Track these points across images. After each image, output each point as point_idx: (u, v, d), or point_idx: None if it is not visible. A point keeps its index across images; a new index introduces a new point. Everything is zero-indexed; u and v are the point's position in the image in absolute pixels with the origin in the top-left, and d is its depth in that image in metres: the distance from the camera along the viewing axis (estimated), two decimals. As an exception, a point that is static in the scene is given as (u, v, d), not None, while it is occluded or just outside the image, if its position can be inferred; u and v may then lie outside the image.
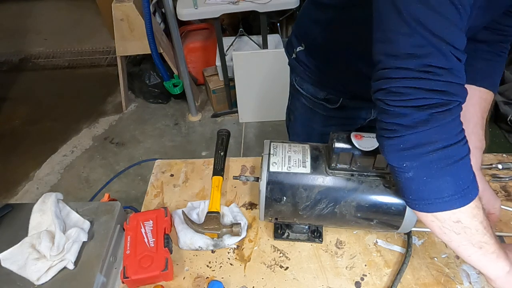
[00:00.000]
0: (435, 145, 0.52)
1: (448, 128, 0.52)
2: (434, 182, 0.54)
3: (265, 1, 2.12)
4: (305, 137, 1.14)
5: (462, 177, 0.54)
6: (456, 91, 0.52)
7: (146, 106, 2.90)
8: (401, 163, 0.55)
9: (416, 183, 0.55)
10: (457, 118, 0.53)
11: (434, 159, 0.52)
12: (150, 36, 2.32)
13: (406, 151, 0.53)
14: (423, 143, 0.52)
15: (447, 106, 0.51)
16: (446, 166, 0.53)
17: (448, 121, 0.52)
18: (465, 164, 0.54)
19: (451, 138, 0.52)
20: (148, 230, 0.80)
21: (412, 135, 0.52)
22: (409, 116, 0.52)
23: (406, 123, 0.52)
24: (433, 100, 0.51)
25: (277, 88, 2.42)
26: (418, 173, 0.54)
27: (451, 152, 0.52)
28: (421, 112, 0.51)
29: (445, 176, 0.53)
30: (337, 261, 0.80)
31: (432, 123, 0.51)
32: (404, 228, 0.75)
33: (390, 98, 0.52)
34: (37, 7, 4.26)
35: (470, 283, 0.74)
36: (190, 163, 1.03)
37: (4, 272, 0.75)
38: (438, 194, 0.54)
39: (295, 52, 1.01)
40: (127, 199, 2.20)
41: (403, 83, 0.51)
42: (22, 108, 2.98)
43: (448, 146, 0.52)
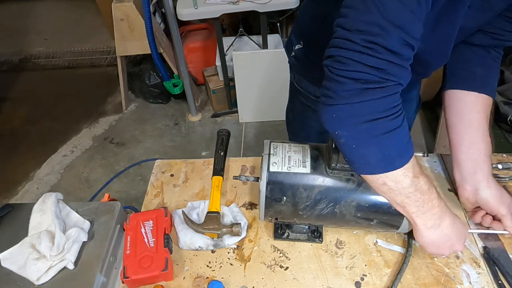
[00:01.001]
0: (363, 118, 0.57)
1: (378, 104, 0.56)
2: (361, 150, 0.61)
3: (265, 1, 2.12)
4: (303, 135, 1.14)
5: (388, 148, 0.60)
6: (395, 72, 0.56)
7: (146, 106, 2.90)
8: (333, 130, 0.61)
9: (347, 149, 0.62)
10: (391, 96, 0.57)
11: (361, 130, 0.58)
12: (150, 36, 2.32)
13: (338, 120, 0.59)
14: (353, 115, 0.58)
15: (381, 84, 0.55)
16: (373, 137, 0.59)
17: (379, 98, 0.56)
18: (392, 137, 0.59)
19: (380, 113, 0.57)
20: (148, 230, 0.80)
21: (344, 105, 0.57)
22: (345, 85, 0.56)
23: (341, 93, 0.57)
24: (369, 75, 0.55)
25: (277, 88, 2.42)
26: (347, 140, 0.60)
27: (378, 125, 0.57)
28: (356, 84, 0.56)
29: (371, 145, 0.60)
30: (337, 261, 0.80)
31: (363, 97, 0.56)
32: (404, 228, 0.75)
33: (334, 66, 0.57)
34: (37, 7, 4.26)
35: (470, 283, 0.74)
36: (190, 163, 1.03)
37: (4, 272, 0.75)
38: (365, 160, 0.62)
39: (293, 50, 1.01)
40: (127, 199, 2.20)
41: (348, 54, 0.56)
42: (22, 108, 2.98)
43: (375, 120, 0.57)
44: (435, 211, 0.68)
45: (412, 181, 0.63)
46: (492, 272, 0.75)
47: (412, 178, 0.63)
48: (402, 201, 0.66)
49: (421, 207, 0.66)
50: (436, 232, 0.69)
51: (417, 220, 0.68)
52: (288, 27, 3.00)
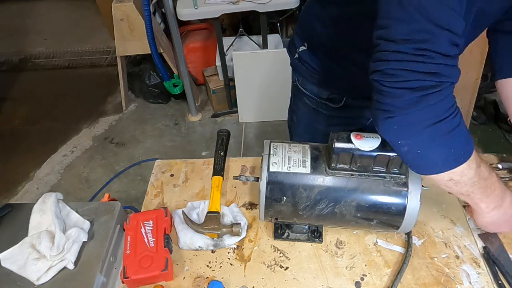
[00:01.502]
0: (425, 123, 0.57)
1: (438, 108, 0.56)
2: (427, 154, 0.61)
3: (265, 1, 2.12)
4: (308, 137, 1.14)
5: (453, 146, 0.60)
6: (448, 73, 0.55)
7: (146, 106, 2.90)
8: (396, 140, 0.61)
9: (412, 156, 0.62)
10: (447, 97, 0.57)
11: (425, 135, 0.58)
12: (150, 36, 2.32)
13: (399, 130, 0.59)
14: (414, 123, 0.57)
15: (438, 88, 0.55)
16: (437, 140, 0.59)
17: (438, 102, 0.56)
18: (455, 135, 0.59)
19: (440, 116, 0.57)
20: (148, 230, 0.80)
21: (404, 116, 0.57)
22: (402, 97, 0.56)
23: (399, 105, 0.56)
24: (425, 82, 0.55)
25: (277, 88, 2.42)
26: (412, 148, 0.60)
27: (441, 128, 0.57)
28: (413, 94, 0.55)
29: (436, 147, 0.60)
30: (337, 261, 0.80)
31: (421, 105, 0.55)
32: (404, 228, 0.75)
33: (386, 79, 0.56)
34: (37, 7, 4.26)
35: (470, 283, 0.74)
36: (190, 163, 1.03)
37: (4, 272, 0.75)
38: (432, 162, 0.62)
39: (297, 52, 1.01)
40: (127, 199, 2.20)
41: (398, 65, 0.55)
42: (22, 108, 2.98)
43: (437, 123, 0.57)
44: (497, 193, 0.69)
45: (476, 171, 0.63)
46: (492, 272, 0.75)
47: (475, 169, 0.63)
48: (467, 191, 0.66)
49: (484, 193, 0.68)
50: (499, 212, 0.71)
51: (482, 205, 0.70)
52: (288, 27, 3.00)
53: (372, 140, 0.69)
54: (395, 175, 0.72)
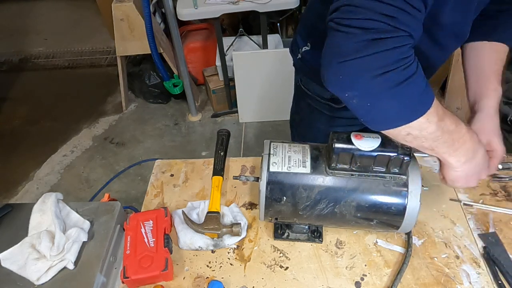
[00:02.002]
0: (374, 72, 0.53)
1: (389, 55, 0.53)
2: (378, 107, 0.57)
3: (265, 1, 2.12)
4: (310, 138, 1.14)
5: (406, 98, 0.56)
6: (407, 21, 0.53)
7: (146, 106, 2.90)
8: (343, 92, 0.57)
9: (362, 110, 0.58)
10: (402, 47, 0.54)
11: (374, 86, 0.54)
12: (150, 36, 2.32)
13: (347, 79, 0.55)
14: (362, 71, 0.54)
15: (393, 34, 0.52)
16: (388, 90, 0.55)
17: (391, 48, 0.53)
18: (408, 86, 0.55)
19: (390, 65, 0.53)
20: (148, 230, 0.80)
21: (353, 60, 0.53)
22: (355, 36, 0.53)
23: (350, 45, 0.53)
24: (380, 24, 0.52)
25: (277, 88, 2.42)
26: (361, 100, 0.57)
27: (390, 77, 0.54)
28: (366, 35, 0.52)
29: (387, 99, 0.56)
30: (337, 261, 0.80)
31: (373, 48, 0.52)
32: (404, 228, 0.75)
33: (341, 16, 0.54)
34: (37, 7, 4.26)
35: (470, 283, 0.74)
36: (190, 163, 1.03)
37: (4, 272, 0.75)
38: (384, 115, 0.58)
39: (300, 52, 1.00)
40: (127, 199, 2.20)
41: (358, 2, 0.53)
42: (22, 108, 2.98)
43: (387, 72, 0.53)
44: (468, 146, 0.66)
45: (438, 125, 0.60)
46: (492, 272, 0.75)
47: (437, 123, 0.60)
48: (430, 145, 0.63)
49: (451, 146, 0.64)
50: (470, 164, 0.68)
51: (450, 159, 0.67)
52: (288, 27, 3.00)
53: (372, 140, 0.69)
54: (395, 175, 0.72)
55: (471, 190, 0.91)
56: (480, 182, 0.93)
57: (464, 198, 0.90)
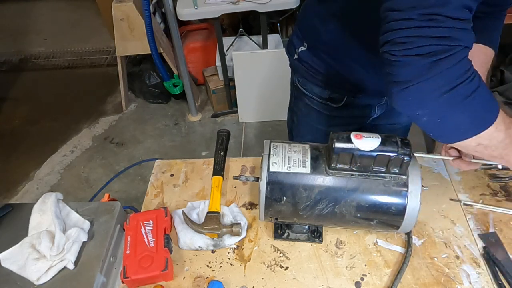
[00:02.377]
0: (440, 90, 0.55)
1: (452, 72, 0.54)
2: (447, 122, 0.59)
3: (265, 1, 2.12)
4: (309, 138, 1.14)
5: (474, 110, 0.58)
6: (460, 36, 0.54)
7: (146, 106, 2.90)
8: (413, 112, 0.59)
9: (432, 125, 0.60)
10: (461, 61, 0.55)
11: (442, 103, 0.56)
12: (150, 36, 2.32)
13: (416, 101, 0.57)
14: (430, 91, 0.55)
15: (450, 52, 0.54)
16: (456, 105, 0.56)
17: (451, 66, 0.54)
18: (474, 99, 0.57)
19: (455, 81, 0.55)
20: (148, 230, 0.80)
21: (418, 84, 0.55)
22: (414, 64, 0.54)
23: (412, 73, 0.55)
24: (436, 46, 0.53)
25: (277, 88, 2.42)
26: (431, 117, 0.59)
27: (458, 93, 0.55)
28: (425, 60, 0.54)
29: (456, 114, 0.58)
30: (337, 261, 0.80)
31: (435, 70, 0.54)
32: (404, 228, 0.75)
33: (395, 49, 0.55)
34: (37, 7, 4.26)
35: (470, 283, 0.74)
36: (190, 163, 1.03)
37: (4, 272, 0.75)
38: (454, 129, 0.60)
39: (297, 52, 1.00)
40: (127, 199, 2.20)
41: (407, 32, 0.54)
42: (22, 108, 2.98)
43: (453, 88, 0.55)
44: None
45: (506, 133, 0.61)
46: (492, 272, 0.75)
47: (505, 130, 0.61)
48: (500, 154, 0.64)
49: None
50: None
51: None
52: (288, 27, 3.00)
53: (372, 140, 0.69)
54: (395, 175, 0.72)
55: (471, 190, 0.91)
56: (480, 182, 0.93)
57: (464, 198, 0.90)
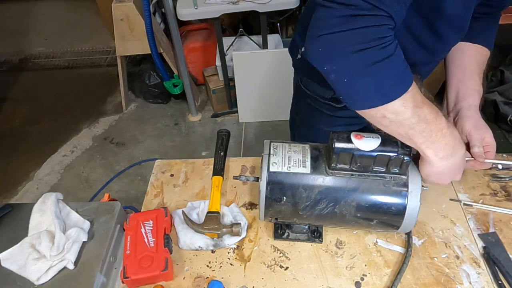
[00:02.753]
0: (352, 47, 0.55)
1: (367, 33, 0.55)
2: (354, 83, 0.59)
3: (265, 1, 2.12)
4: (312, 138, 1.14)
5: (382, 78, 0.57)
6: (388, 2, 0.55)
7: (146, 106, 2.90)
8: (322, 65, 0.59)
9: (340, 85, 0.60)
10: (382, 26, 0.55)
11: (351, 61, 0.56)
12: (150, 36, 2.32)
13: (326, 52, 0.57)
14: (341, 44, 0.56)
15: (372, 12, 0.54)
16: (364, 68, 0.56)
17: (369, 26, 0.54)
18: (385, 66, 0.56)
19: (368, 42, 0.55)
20: (148, 230, 0.80)
21: (332, 34, 0.56)
22: (336, 11, 0.55)
23: (331, 20, 0.56)
24: (360, 1, 0.54)
25: (277, 88, 2.42)
26: (338, 75, 0.59)
27: (368, 55, 0.55)
28: (347, 10, 0.54)
29: (363, 76, 0.57)
30: (337, 261, 0.80)
31: (352, 24, 0.54)
32: (404, 228, 0.75)
33: None
34: (37, 7, 4.26)
35: (470, 283, 0.74)
36: (190, 163, 1.03)
37: (4, 272, 0.75)
38: (359, 94, 0.60)
39: (299, 52, 1.00)
40: (127, 199, 2.20)
41: None
42: (22, 108, 2.98)
43: (365, 49, 0.55)
44: (448, 141, 0.65)
45: (414, 111, 0.60)
46: (492, 272, 0.75)
47: (413, 108, 0.60)
48: (406, 133, 0.63)
49: (429, 137, 0.63)
50: (448, 162, 0.67)
51: (427, 151, 0.66)
52: (288, 27, 3.00)
53: (372, 140, 0.69)
54: (395, 175, 0.72)
55: (471, 190, 0.91)
56: (480, 182, 0.93)
57: (464, 198, 0.90)
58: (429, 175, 0.70)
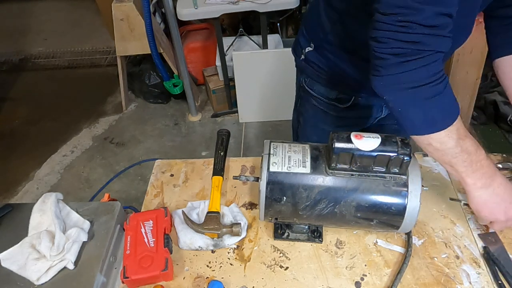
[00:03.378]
0: (406, 85, 0.66)
1: (419, 73, 0.64)
2: (406, 113, 0.70)
3: (265, 1, 2.12)
4: (315, 139, 1.13)
5: (431, 111, 0.67)
6: (430, 42, 0.63)
7: (146, 106, 2.90)
8: (382, 95, 0.70)
9: (395, 113, 0.71)
10: (431, 64, 0.64)
11: (405, 96, 0.67)
12: (150, 36, 2.32)
13: (385, 87, 0.69)
14: (397, 83, 0.66)
15: (418, 55, 0.63)
16: (416, 102, 0.67)
17: (419, 67, 0.64)
18: (435, 101, 0.66)
19: (421, 81, 0.65)
20: (148, 230, 0.80)
21: (389, 76, 0.67)
22: (388, 60, 0.65)
23: (385, 66, 0.66)
24: (405, 49, 0.63)
25: (277, 88, 2.42)
26: (394, 105, 0.70)
27: (421, 91, 0.65)
28: (396, 59, 0.64)
29: (415, 109, 0.68)
30: (337, 261, 0.80)
31: (403, 68, 0.64)
32: (404, 228, 0.75)
33: (376, 45, 0.66)
34: (37, 7, 4.26)
35: (470, 283, 0.74)
36: (190, 163, 1.03)
37: (4, 272, 0.75)
38: (411, 122, 0.70)
39: (303, 53, 1.00)
40: (127, 199, 2.20)
41: (385, 34, 0.64)
42: (22, 108, 2.98)
43: (418, 87, 0.65)
44: (485, 171, 0.72)
45: (457, 142, 0.68)
46: (492, 272, 0.75)
47: (456, 140, 0.68)
48: (449, 161, 0.71)
49: (469, 167, 0.71)
50: (487, 191, 0.73)
51: (467, 180, 0.72)
52: (288, 27, 3.00)
53: (372, 140, 0.69)
54: (395, 175, 0.72)
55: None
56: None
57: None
58: (478, 209, 0.76)
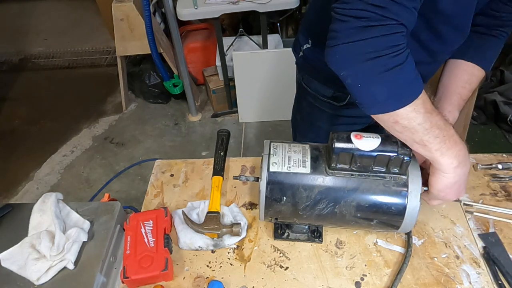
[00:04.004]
0: (365, 56, 0.59)
1: (379, 41, 0.58)
2: (367, 88, 0.62)
3: (265, 1, 2.12)
4: (312, 136, 1.14)
5: (394, 84, 0.61)
6: (396, 10, 0.57)
7: (146, 106, 2.90)
8: (339, 71, 0.63)
9: (354, 89, 0.63)
10: (393, 34, 0.58)
11: (365, 68, 0.60)
12: (150, 36, 2.32)
13: (342, 59, 0.62)
14: (355, 53, 0.60)
15: (382, 22, 0.57)
16: (377, 75, 0.60)
17: (380, 35, 0.58)
18: (397, 73, 0.59)
19: (380, 51, 0.58)
20: (148, 230, 0.80)
21: (346, 44, 0.60)
22: (348, 23, 0.59)
23: (344, 32, 0.60)
24: (370, 13, 0.57)
25: (277, 88, 2.42)
26: (353, 80, 0.62)
27: (380, 62, 0.59)
28: (358, 22, 0.58)
29: (376, 83, 0.61)
30: (337, 261, 0.80)
31: (364, 34, 0.58)
32: (404, 228, 0.75)
33: (339, 6, 0.60)
34: (37, 7, 4.26)
35: (470, 283, 0.74)
36: (190, 163, 1.03)
37: (4, 272, 0.75)
38: (372, 99, 0.63)
39: (302, 50, 1.01)
40: (127, 199, 2.20)
41: None
42: (22, 108, 2.98)
43: (377, 57, 0.58)
44: (460, 147, 0.66)
45: (425, 116, 0.62)
46: (492, 272, 0.75)
47: (424, 114, 0.62)
48: (421, 139, 0.64)
49: (443, 144, 0.64)
50: (462, 170, 0.67)
51: (443, 159, 0.66)
52: (288, 27, 3.00)
53: (372, 140, 0.69)
54: (395, 175, 0.72)
55: (471, 190, 0.91)
56: (480, 182, 0.93)
57: (464, 198, 0.90)
58: (442, 189, 0.70)
